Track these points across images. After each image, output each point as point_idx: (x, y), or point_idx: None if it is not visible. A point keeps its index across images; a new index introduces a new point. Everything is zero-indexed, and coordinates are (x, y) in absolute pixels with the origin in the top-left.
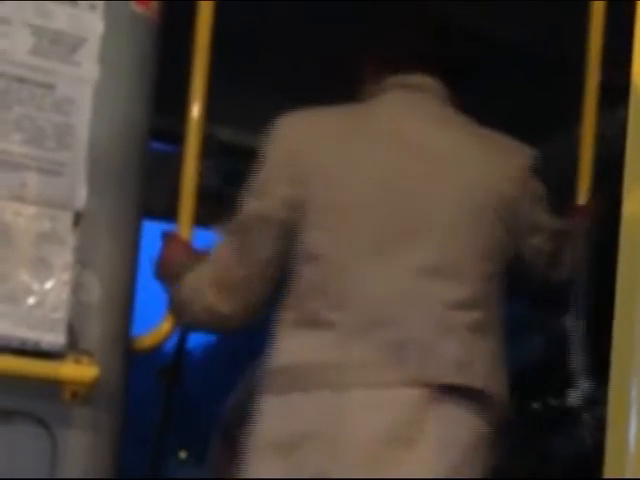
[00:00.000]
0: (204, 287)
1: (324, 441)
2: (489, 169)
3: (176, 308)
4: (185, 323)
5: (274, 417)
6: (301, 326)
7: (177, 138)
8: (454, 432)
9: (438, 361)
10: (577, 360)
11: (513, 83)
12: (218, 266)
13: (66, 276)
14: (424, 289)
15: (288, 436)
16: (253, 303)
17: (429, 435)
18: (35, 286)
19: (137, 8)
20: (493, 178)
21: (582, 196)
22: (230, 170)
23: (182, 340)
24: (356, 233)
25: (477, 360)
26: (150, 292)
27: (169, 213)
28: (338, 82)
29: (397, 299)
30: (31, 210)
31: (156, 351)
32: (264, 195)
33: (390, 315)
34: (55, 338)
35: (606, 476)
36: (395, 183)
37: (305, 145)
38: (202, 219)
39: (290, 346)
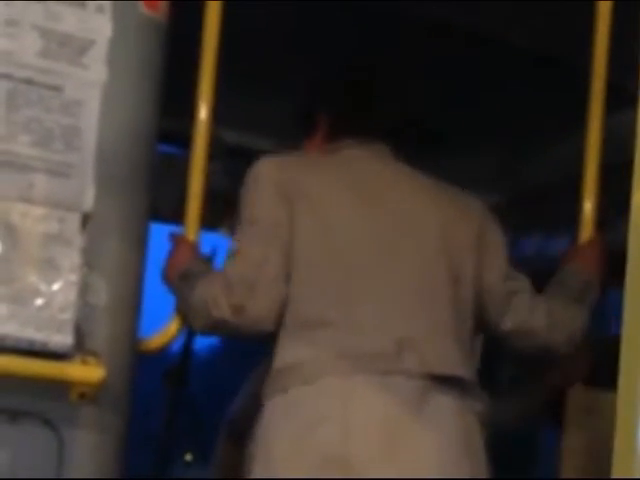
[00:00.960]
0: (233, 284)
1: (335, 424)
2: (457, 214)
3: (193, 312)
4: (204, 325)
5: (282, 413)
6: (299, 327)
7: (184, 140)
8: (449, 416)
9: (432, 356)
10: None
11: (523, 88)
12: (248, 264)
13: (73, 277)
14: (414, 296)
15: (299, 427)
16: (280, 304)
17: (430, 418)
18: (43, 287)
19: (145, 10)
20: (462, 220)
21: (588, 201)
22: (237, 172)
23: (188, 342)
24: (342, 248)
25: (462, 357)
26: (157, 294)
27: (176, 215)
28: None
29: (392, 303)
30: (39, 211)
31: (162, 353)
32: (263, 214)
33: (388, 316)
34: (62, 339)
35: (614, 476)
36: (375, 214)
37: (289, 176)
38: (209, 221)
39: (291, 346)
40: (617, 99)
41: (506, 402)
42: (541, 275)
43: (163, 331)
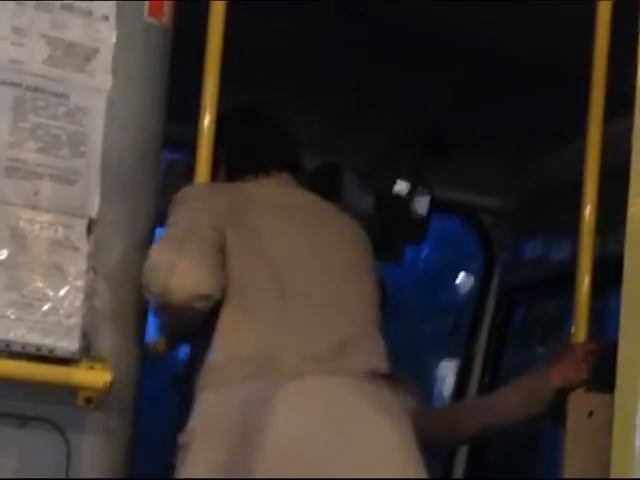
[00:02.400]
0: (155, 267)
1: (291, 425)
2: (346, 223)
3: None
4: (155, 309)
5: (240, 404)
6: (243, 325)
7: (190, 146)
8: (397, 411)
9: (372, 355)
10: None
11: (527, 97)
12: (168, 245)
13: (80, 283)
14: (342, 301)
15: (254, 422)
16: (207, 278)
17: (385, 413)
18: (49, 293)
19: (149, 18)
20: (350, 227)
21: (588, 206)
22: None
23: None
24: (275, 259)
25: (384, 356)
26: None
27: None
28: (347, 86)
29: (327, 308)
30: (45, 217)
31: (171, 357)
32: (188, 216)
33: (327, 320)
34: (69, 344)
35: (612, 476)
36: (296, 230)
37: (218, 197)
38: None
39: (237, 341)
40: (617, 105)
41: None
42: (542, 279)
43: (164, 341)
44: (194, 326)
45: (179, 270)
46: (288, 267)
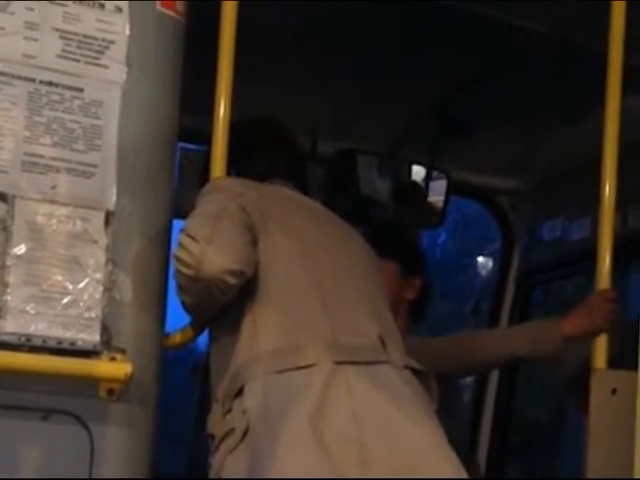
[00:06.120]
0: (190, 241)
1: (343, 409)
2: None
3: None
4: (182, 287)
5: (285, 393)
6: (282, 317)
7: (205, 138)
8: (432, 408)
9: (401, 351)
10: None
11: (541, 74)
12: (204, 219)
13: (99, 275)
14: (371, 298)
15: (309, 408)
16: (240, 254)
17: (424, 405)
18: (69, 286)
19: (162, 9)
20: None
21: (608, 183)
22: None
23: None
24: (310, 254)
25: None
26: None
27: None
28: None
29: (360, 304)
30: (63, 211)
31: (191, 348)
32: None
33: (362, 315)
34: (90, 337)
35: (637, 453)
36: (320, 228)
37: (246, 191)
38: None
39: (277, 332)
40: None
41: None
42: (562, 260)
43: (189, 326)
44: (221, 306)
45: (215, 244)
46: (321, 262)
